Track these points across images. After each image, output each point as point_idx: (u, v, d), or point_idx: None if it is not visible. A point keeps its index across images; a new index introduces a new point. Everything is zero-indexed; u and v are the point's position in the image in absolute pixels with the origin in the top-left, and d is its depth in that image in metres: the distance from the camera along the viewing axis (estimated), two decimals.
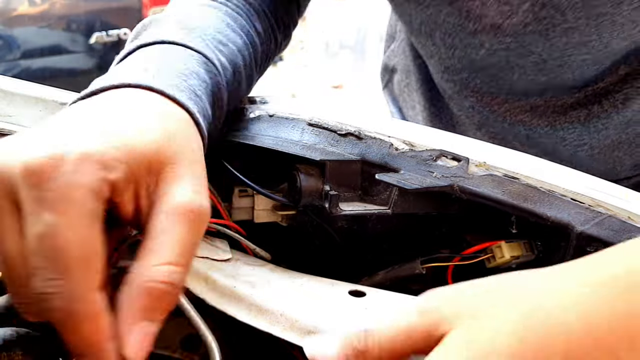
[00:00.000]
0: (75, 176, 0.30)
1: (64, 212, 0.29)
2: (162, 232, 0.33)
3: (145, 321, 0.32)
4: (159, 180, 0.35)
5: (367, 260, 0.53)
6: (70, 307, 0.29)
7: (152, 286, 0.32)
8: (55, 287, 0.29)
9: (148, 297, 0.32)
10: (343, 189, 0.48)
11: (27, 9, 3.10)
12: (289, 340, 0.40)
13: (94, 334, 0.30)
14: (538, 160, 0.52)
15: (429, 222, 0.52)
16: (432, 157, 0.49)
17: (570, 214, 0.44)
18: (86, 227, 0.30)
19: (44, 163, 0.30)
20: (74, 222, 0.30)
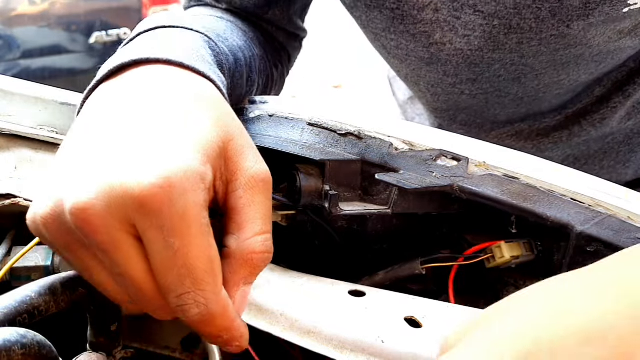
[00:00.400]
0: (187, 197, 0.32)
1: (186, 233, 0.32)
2: (245, 206, 0.36)
3: (245, 285, 0.36)
4: (227, 160, 0.36)
5: (367, 260, 0.53)
6: (207, 312, 0.33)
7: (253, 257, 0.35)
8: (191, 299, 0.32)
9: (250, 267, 0.35)
10: (343, 189, 0.48)
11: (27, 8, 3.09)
12: (289, 340, 0.40)
13: (226, 322, 0.34)
14: (538, 160, 0.51)
15: (429, 222, 0.52)
16: (432, 157, 0.49)
17: (570, 213, 0.44)
18: (206, 240, 0.33)
19: (156, 193, 0.31)
20: (196, 240, 0.32)
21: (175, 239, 0.31)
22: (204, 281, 0.32)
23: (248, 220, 0.36)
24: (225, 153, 0.36)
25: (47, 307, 0.35)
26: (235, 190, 0.36)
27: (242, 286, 0.36)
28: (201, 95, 0.38)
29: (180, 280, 0.32)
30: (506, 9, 0.62)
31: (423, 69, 0.74)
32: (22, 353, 0.30)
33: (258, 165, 0.37)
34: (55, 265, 0.43)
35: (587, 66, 0.69)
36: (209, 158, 0.34)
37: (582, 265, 0.43)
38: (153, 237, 0.31)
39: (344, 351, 0.38)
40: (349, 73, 4.78)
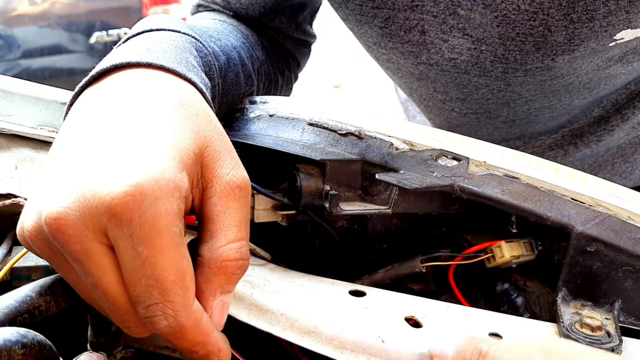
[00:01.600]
0: (158, 206, 0.31)
1: (156, 242, 0.31)
2: (220, 213, 0.35)
3: (223, 294, 0.36)
4: (203, 166, 0.36)
5: (367, 260, 0.53)
6: (177, 325, 0.32)
7: (227, 265, 0.35)
8: (159, 310, 0.32)
9: (224, 275, 0.35)
10: (343, 189, 0.48)
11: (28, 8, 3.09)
12: (289, 340, 0.40)
13: (200, 336, 0.34)
14: (538, 159, 0.51)
15: (429, 222, 0.52)
16: (432, 157, 0.49)
17: (570, 213, 0.44)
18: (177, 250, 0.32)
19: (127, 201, 0.30)
20: (166, 249, 0.31)
21: (144, 248, 0.31)
22: (172, 292, 0.32)
23: (222, 227, 0.35)
24: (201, 159, 0.35)
25: (48, 307, 0.35)
26: (210, 198, 0.35)
27: (219, 296, 0.35)
28: (180, 99, 0.38)
29: (148, 290, 0.31)
30: (492, 38, 0.61)
31: (414, 83, 0.74)
32: (23, 353, 0.30)
33: (234, 172, 0.36)
34: None
35: (579, 92, 0.68)
36: (184, 165, 0.33)
37: (582, 265, 0.43)
38: (123, 246, 0.31)
39: (344, 351, 0.38)
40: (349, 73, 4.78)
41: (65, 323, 0.48)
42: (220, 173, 0.36)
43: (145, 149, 0.33)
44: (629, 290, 0.43)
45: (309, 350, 0.40)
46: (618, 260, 0.43)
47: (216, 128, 0.38)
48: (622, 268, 0.43)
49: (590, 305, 0.44)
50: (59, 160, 0.34)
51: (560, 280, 0.44)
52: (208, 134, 0.37)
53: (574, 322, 0.41)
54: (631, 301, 0.43)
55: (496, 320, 0.43)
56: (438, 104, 0.76)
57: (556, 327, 0.42)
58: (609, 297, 0.44)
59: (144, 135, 0.34)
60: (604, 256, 0.43)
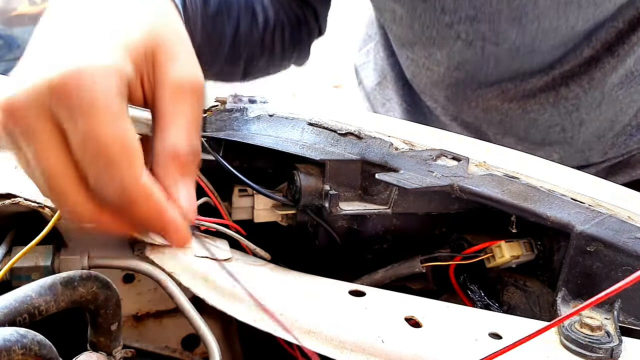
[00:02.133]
0: (96, 83, 0.33)
1: (96, 114, 0.33)
2: (170, 111, 0.37)
3: (185, 178, 0.36)
4: (155, 65, 0.37)
5: (367, 260, 0.53)
6: (125, 195, 0.34)
7: (178, 152, 0.36)
8: (107, 178, 0.33)
9: (177, 163, 0.36)
10: (343, 189, 0.48)
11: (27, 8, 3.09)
12: (289, 340, 0.40)
13: (152, 210, 0.35)
14: (538, 159, 0.51)
15: (429, 222, 0.52)
16: (432, 157, 0.49)
17: (570, 213, 0.44)
18: (119, 124, 0.33)
19: (66, 81, 0.33)
20: (106, 122, 0.33)
21: (84, 122, 0.33)
22: (117, 161, 0.33)
23: (172, 122, 0.36)
24: (153, 58, 0.37)
25: (47, 307, 0.35)
26: (162, 97, 0.37)
27: (180, 183, 0.36)
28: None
29: (94, 161, 0.33)
30: None
31: (419, 7, 0.72)
32: (22, 353, 0.30)
33: (187, 72, 0.37)
34: (56, 265, 0.43)
35: (586, 10, 0.68)
36: (130, 55, 0.35)
37: (582, 265, 0.43)
38: (67, 124, 0.33)
39: (344, 351, 0.38)
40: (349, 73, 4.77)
41: (65, 323, 0.48)
42: (172, 73, 0.37)
43: (93, 36, 0.36)
44: (629, 290, 0.43)
45: (308, 350, 0.40)
46: (618, 260, 0.43)
47: (176, 29, 0.40)
48: (622, 268, 0.43)
49: None
50: (24, 55, 0.37)
51: (560, 280, 0.44)
52: (164, 33, 0.38)
53: (574, 322, 0.41)
54: (631, 301, 0.43)
55: (496, 320, 0.43)
56: (443, 30, 0.73)
57: (556, 327, 0.42)
58: (608, 297, 0.44)
59: (97, 25, 0.37)
60: (603, 256, 0.43)
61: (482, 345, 0.39)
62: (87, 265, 0.43)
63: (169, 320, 0.57)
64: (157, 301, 0.56)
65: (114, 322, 0.39)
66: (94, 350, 0.40)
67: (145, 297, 0.56)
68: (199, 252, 0.47)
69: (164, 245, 0.46)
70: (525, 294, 0.49)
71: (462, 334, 0.40)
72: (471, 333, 0.40)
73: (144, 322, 0.57)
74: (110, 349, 0.40)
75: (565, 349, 0.40)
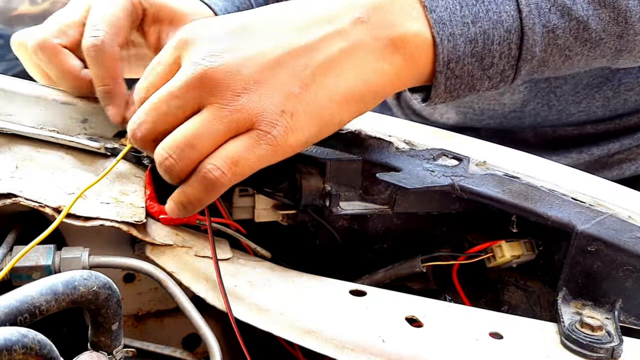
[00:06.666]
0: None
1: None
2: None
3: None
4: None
5: (367, 259, 0.53)
6: (99, 48, 0.50)
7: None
8: (93, 37, 0.50)
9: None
10: (344, 188, 0.48)
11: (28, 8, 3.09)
12: (289, 339, 0.40)
13: (110, 69, 0.51)
14: (538, 159, 0.51)
15: (430, 222, 0.52)
16: (432, 157, 0.49)
17: (571, 213, 0.44)
18: (117, 9, 0.52)
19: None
20: (109, 3, 0.52)
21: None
22: (103, 25, 0.50)
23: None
24: (177, 25, 0.55)
25: (48, 307, 0.35)
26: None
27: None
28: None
29: (90, 22, 0.51)
30: None
31: None
32: (23, 352, 0.30)
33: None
34: (56, 265, 0.43)
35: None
36: (158, 6, 0.56)
37: (583, 264, 0.43)
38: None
39: (344, 351, 0.38)
40: None
41: (65, 323, 0.48)
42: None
43: None
44: (630, 290, 0.43)
45: (309, 350, 0.40)
46: (618, 259, 0.43)
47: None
48: (622, 267, 0.43)
49: (590, 304, 0.44)
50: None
51: (561, 280, 0.44)
52: (194, 15, 0.58)
53: (575, 322, 0.41)
54: (632, 301, 0.43)
55: (496, 320, 0.43)
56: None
57: (557, 326, 0.42)
58: (609, 297, 0.44)
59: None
60: (604, 255, 0.43)
61: (483, 345, 0.39)
62: (87, 264, 0.43)
63: (169, 320, 0.57)
64: (158, 301, 0.56)
65: (114, 321, 0.39)
66: (94, 350, 0.40)
67: (146, 296, 0.56)
68: (200, 251, 0.47)
69: (165, 245, 0.46)
70: (526, 293, 0.49)
71: (463, 334, 0.40)
72: (472, 333, 0.40)
73: (144, 321, 0.57)
74: (111, 349, 0.40)
75: (565, 349, 0.40)
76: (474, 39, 0.42)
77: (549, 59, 0.45)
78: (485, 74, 0.43)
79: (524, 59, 0.44)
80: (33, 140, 0.50)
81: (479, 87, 0.44)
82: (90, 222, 0.44)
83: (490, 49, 0.42)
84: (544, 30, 0.43)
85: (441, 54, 0.41)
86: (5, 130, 0.49)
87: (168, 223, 0.48)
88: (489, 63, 0.43)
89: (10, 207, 0.43)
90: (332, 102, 0.40)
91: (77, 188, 0.45)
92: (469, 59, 0.42)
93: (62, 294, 0.36)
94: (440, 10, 0.41)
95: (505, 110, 0.78)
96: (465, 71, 0.43)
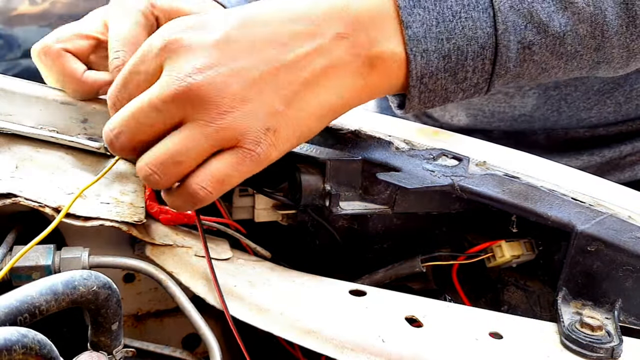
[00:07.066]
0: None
1: (119, 15, 0.53)
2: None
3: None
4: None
5: (367, 259, 0.53)
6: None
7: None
8: (116, 59, 0.51)
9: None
10: (344, 188, 0.48)
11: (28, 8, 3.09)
12: (289, 339, 0.40)
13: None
14: (539, 159, 0.51)
15: (430, 222, 0.52)
16: (432, 157, 0.49)
17: (571, 213, 0.44)
18: (131, 26, 0.52)
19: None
20: (123, 20, 0.53)
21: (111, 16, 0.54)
22: (117, 47, 0.51)
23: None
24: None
25: (48, 307, 0.35)
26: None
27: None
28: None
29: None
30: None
31: None
32: (23, 352, 0.30)
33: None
34: (56, 265, 0.43)
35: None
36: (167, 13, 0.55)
37: (583, 264, 0.43)
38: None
39: (344, 350, 0.38)
40: None
41: (65, 323, 0.48)
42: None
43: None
44: (630, 290, 0.43)
45: (309, 350, 0.40)
46: (618, 259, 0.43)
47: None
48: (622, 267, 0.43)
49: (590, 304, 0.44)
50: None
51: (561, 280, 0.44)
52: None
53: (574, 322, 0.41)
54: (631, 301, 0.43)
55: (496, 320, 0.43)
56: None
57: (556, 326, 0.42)
58: (609, 297, 0.44)
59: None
60: (604, 255, 0.43)
61: (483, 345, 0.39)
62: (87, 264, 0.43)
63: (169, 320, 0.57)
64: (158, 301, 0.56)
65: (114, 321, 0.39)
66: (94, 350, 0.40)
67: (146, 296, 0.56)
68: (199, 251, 0.47)
69: (165, 245, 0.46)
70: (526, 293, 0.49)
71: (463, 334, 0.40)
72: (472, 332, 0.40)
73: (144, 321, 0.57)
74: (110, 349, 0.40)
75: (565, 349, 0.40)
76: (447, 55, 0.42)
77: (524, 72, 0.46)
78: (458, 87, 0.44)
79: (497, 74, 0.44)
80: (33, 140, 0.50)
81: (453, 98, 0.45)
82: (90, 222, 0.44)
83: (463, 64, 0.43)
84: (519, 47, 0.44)
85: (414, 70, 0.42)
86: (5, 130, 0.49)
87: (168, 223, 0.48)
88: (462, 77, 0.44)
89: (10, 207, 0.43)
90: (311, 117, 0.41)
91: (77, 188, 0.45)
92: (442, 73, 0.43)
93: (62, 294, 0.36)
94: (416, 26, 0.42)
95: (515, 114, 0.78)
96: (438, 85, 0.43)
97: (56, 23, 3.19)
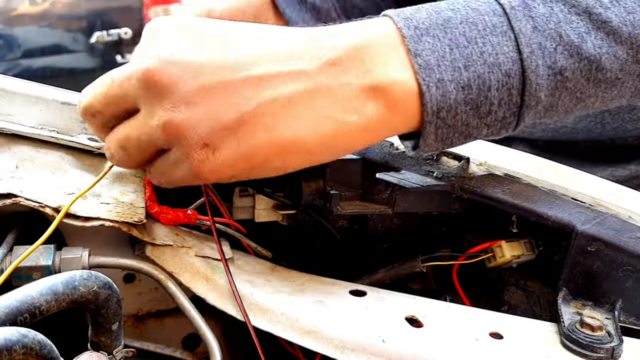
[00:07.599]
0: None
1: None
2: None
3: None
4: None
5: (367, 259, 0.53)
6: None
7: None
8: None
9: None
10: (344, 189, 0.48)
11: (28, 8, 3.09)
12: (289, 339, 0.40)
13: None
14: (539, 159, 0.51)
15: (430, 222, 0.52)
16: (432, 157, 0.49)
17: (571, 213, 0.44)
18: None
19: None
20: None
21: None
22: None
23: None
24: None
25: (48, 307, 0.35)
26: None
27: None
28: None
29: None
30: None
31: None
32: (23, 352, 0.30)
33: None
34: (56, 265, 0.43)
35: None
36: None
37: (583, 264, 0.43)
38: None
39: (344, 351, 0.38)
40: None
41: (65, 323, 0.48)
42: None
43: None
44: (630, 290, 0.43)
45: (309, 350, 0.40)
46: (619, 259, 0.43)
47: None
48: (622, 268, 0.43)
49: (590, 305, 0.44)
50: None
51: (561, 280, 0.44)
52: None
53: (575, 322, 0.41)
54: (632, 301, 0.43)
55: (496, 320, 0.43)
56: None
57: (557, 326, 0.42)
58: (609, 297, 0.44)
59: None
60: (604, 256, 0.43)
61: (483, 345, 0.39)
62: (87, 264, 0.43)
63: (169, 320, 0.57)
64: (158, 301, 0.56)
65: (114, 321, 0.39)
66: (94, 350, 0.40)
67: (146, 296, 0.56)
68: (200, 251, 0.47)
69: (165, 245, 0.46)
70: (526, 293, 0.49)
71: (463, 334, 0.40)
72: (472, 333, 0.40)
73: (144, 321, 0.57)
74: (111, 349, 0.40)
75: (565, 349, 0.40)
76: (467, 85, 0.37)
77: (557, 103, 0.40)
78: (482, 122, 0.38)
79: (528, 105, 0.38)
80: (33, 140, 0.50)
81: (476, 135, 0.39)
82: (90, 222, 0.44)
83: (487, 96, 0.37)
84: (550, 73, 0.38)
85: (429, 103, 0.36)
86: (5, 130, 0.49)
87: (168, 223, 0.48)
88: (485, 111, 0.38)
89: (10, 207, 0.43)
90: (270, 146, 0.36)
91: (77, 188, 0.45)
92: (462, 107, 0.37)
93: (62, 294, 0.36)
94: (426, 53, 0.36)
95: (558, 125, 0.75)
96: (458, 120, 0.38)
97: (56, 23, 3.20)
